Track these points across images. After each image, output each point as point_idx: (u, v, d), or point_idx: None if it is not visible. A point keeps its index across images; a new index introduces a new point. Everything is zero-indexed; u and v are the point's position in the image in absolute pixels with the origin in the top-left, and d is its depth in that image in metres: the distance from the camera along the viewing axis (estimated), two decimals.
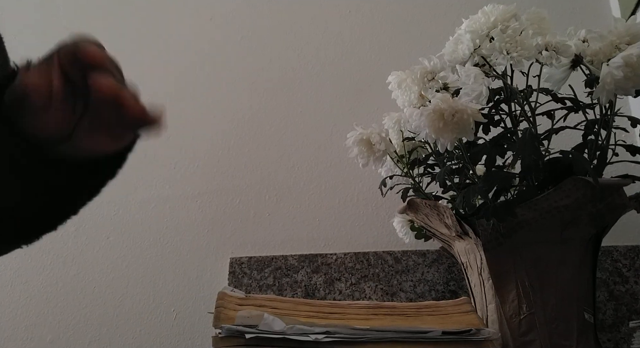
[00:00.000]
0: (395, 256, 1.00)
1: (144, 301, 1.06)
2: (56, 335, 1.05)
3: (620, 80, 0.62)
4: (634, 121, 0.71)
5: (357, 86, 1.16)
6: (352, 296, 0.99)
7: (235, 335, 0.54)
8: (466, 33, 0.71)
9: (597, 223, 0.70)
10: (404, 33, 1.18)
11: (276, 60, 1.20)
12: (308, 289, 1.00)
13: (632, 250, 0.94)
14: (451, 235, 0.75)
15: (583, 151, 0.71)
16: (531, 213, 0.67)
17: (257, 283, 1.01)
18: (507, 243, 0.68)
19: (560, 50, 0.69)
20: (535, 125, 0.72)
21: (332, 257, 1.02)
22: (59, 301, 1.08)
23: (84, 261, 1.10)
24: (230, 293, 0.63)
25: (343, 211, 1.08)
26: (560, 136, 0.74)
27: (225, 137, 1.16)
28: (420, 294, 0.97)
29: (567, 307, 0.67)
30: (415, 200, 0.77)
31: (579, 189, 0.66)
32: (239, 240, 1.08)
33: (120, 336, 1.04)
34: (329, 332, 0.55)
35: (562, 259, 0.69)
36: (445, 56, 0.74)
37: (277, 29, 1.22)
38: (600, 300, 0.91)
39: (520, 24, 0.69)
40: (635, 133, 0.97)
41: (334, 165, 1.11)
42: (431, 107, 0.65)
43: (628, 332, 0.88)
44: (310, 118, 1.15)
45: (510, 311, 0.68)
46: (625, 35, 0.66)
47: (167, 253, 1.09)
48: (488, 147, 0.70)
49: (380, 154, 0.78)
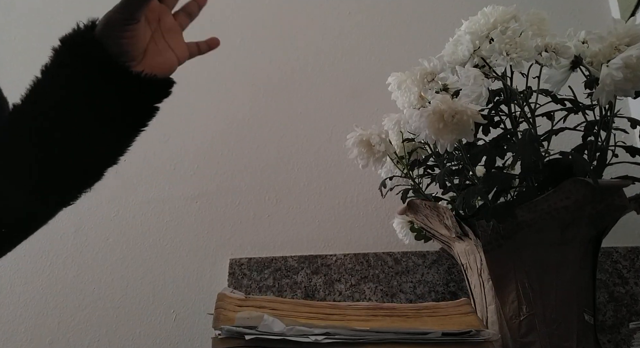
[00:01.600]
0: (395, 257, 1.00)
1: (144, 302, 1.06)
2: (55, 337, 1.05)
3: (620, 81, 0.62)
4: (633, 122, 0.71)
5: (357, 87, 1.16)
6: (352, 297, 0.98)
7: (235, 336, 0.54)
8: (466, 34, 0.71)
9: (597, 224, 0.70)
10: (404, 34, 1.18)
11: (276, 61, 1.21)
12: (308, 290, 1.00)
13: (632, 251, 0.94)
14: (451, 236, 0.75)
15: (583, 152, 0.71)
16: (531, 214, 0.67)
17: (256, 284, 1.01)
18: (507, 244, 0.68)
19: (560, 51, 0.69)
20: (535, 126, 0.72)
21: (331, 258, 1.01)
22: (59, 302, 1.08)
23: (83, 262, 1.10)
24: (230, 294, 0.63)
25: (343, 212, 1.08)
26: (560, 137, 0.73)
27: (225, 138, 1.16)
28: (420, 295, 0.97)
29: (567, 308, 0.67)
30: (415, 201, 0.77)
31: (579, 190, 0.66)
32: (239, 241, 1.08)
33: (120, 337, 1.04)
34: (328, 333, 0.55)
35: (562, 260, 0.69)
36: (445, 57, 0.74)
37: (276, 30, 1.23)
38: (600, 301, 0.91)
39: (519, 25, 0.69)
40: (635, 134, 0.97)
41: (334, 166, 1.11)
42: (431, 109, 0.65)
43: (628, 333, 0.88)
44: (310, 119, 1.15)
45: (510, 312, 0.68)
46: (625, 36, 0.66)
47: (167, 254, 1.09)
48: (488, 148, 0.70)
49: (380, 155, 0.78)
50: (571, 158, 0.67)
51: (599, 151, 0.71)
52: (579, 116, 0.74)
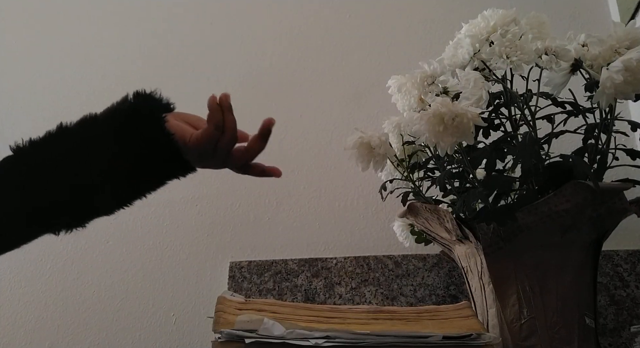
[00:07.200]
0: (395, 260, 1.00)
1: (144, 305, 1.06)
2: (55, 340, 1.05)
3: (620, 84, 0.62)
4: (634, 125, 0.71)
5: (357, 90, 1.16)
6: (352, 300, 0.98)
7: (235, 339, 0.54)
8: (466, 37, 0.71)
9: (597, 227, 0.70)
10: (404, 37, 1.18)
11: (276, 64, 1.21)
12: (308, 293, 0.99)
13: (633, 254, 0.94)
14: (451, 239, 0.75)
15: (583, 155, 0.71)
16: (531, 217, 0.67)
17: (256, 288, 1.01)
18: (507, 247, 0.68)
19: (560, 54, 0.69)
20: (535, 129, 0.72)
21: (332, 261, 1.01)
22: (58, 305, 1.08)
23: (83, 265, 1.10)
24: (230, 297, 0.63)
25: (343, 215, 1.08)
26: (560, 140, 0.73)
27: None
28: (421, 298, 0.97)
29: (568, 312, 0.67)
30: (416, 204, 0.77)
31: (579, 193, 0.66)
32: (239, 244, 1.08)
33: (120, 340, 1.04)
34: (329, 336, 0.55)
35: (562, 263, 0.68)
36: (445, 60, 0.74)
37: (276, 32, 1.23)
38: (601, 304, 0.91)
39: (519, 28, 0.69)
40: (635, 137, 0.96)
41: (334, 169, 1.11)
42: (431, 111, 0.65)
43: (629, 337, 0.88)
44: (310, 122, 1.15)
45: (511, 315, 0.68)
46: (625, 39, 0.66)
47: (167, 257, 1.09)
48: (488, 151, 0.70)
49: (380, 158, 0.78)
50: (571, 161, 0.67)
51: (599, 154, 0.71)
52: (579, 119, 0.74)
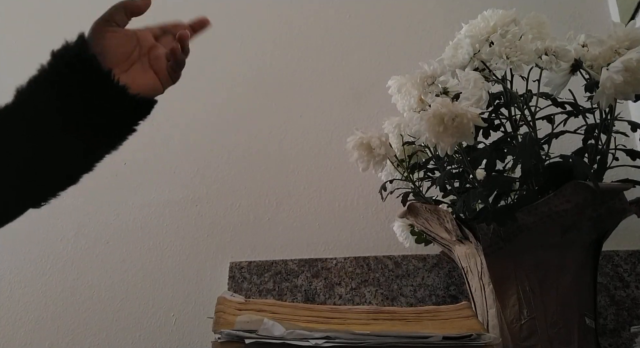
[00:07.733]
0: (395, 260, 1.00)
1: (143, 306, 1.06)
2: (55, 340, 1.05)
3: (620, 84, 0.62)
4: (634, 125, 0.71)
5: (357, 90, 1.16)
6: (352, 301, 0.98)
7: (235, 340, 0.54)
8: (466, 38, 0.71)
9: (597, 227, 0.70)
10: (404, 37, 1.18)
11: (276, 64, 1.21)
12: (308, 294, 0.99)
13: (633, 254, 0.94)
14: (451, 239, 0.75)
15: (583, 156, 0.71)
16: (531, 217, 0.67)
17: (256, 288, 1.01)
18: (507, 247, 0.68)
19: (560, 54, 0.69)
20: (535, 129, 0.72)
21: (332, 262, 1.01)
22: (58, 306, 1.07)
23: (83, 265, 1.10)
24: (230, 297, 0.63)
25: (343, 216, 1.08)
26: (560, 141, 0.73)
27: (224, 141, 1.16)
28: (421, 299, 0.97)
29: (568, 312, 0.67)
30: (416, 204, 0.77)
31: (579, 193, 0.66)
32: (239, 244, 1.08)
33: (120, 341, 1.04)
34: (329, 337, 0.55)
35: (562, 264, 0.68)
36: (445, 60, 0.74)
37: (276, 33, 1.23)
38: (601, 305, 0.91)
39: (519, 28, 0.69)
40: (635, 138, 0.96)
41: (334, 169, 1.11)
42: (431, 112, 0.65)
43: (629, 337, 0.88)
44: (310, 122, 1.15)
45: (511, 316, 0.68)
46: (625, 39, 0.66)
47: (167, 258, 1.09)
48: (488, 151, 0.70)
49: (380, 159, 0.78)
50: (571, 161, 0.67)
51: (599, 154, 0.71)
52: (579, 120, 0.74)
